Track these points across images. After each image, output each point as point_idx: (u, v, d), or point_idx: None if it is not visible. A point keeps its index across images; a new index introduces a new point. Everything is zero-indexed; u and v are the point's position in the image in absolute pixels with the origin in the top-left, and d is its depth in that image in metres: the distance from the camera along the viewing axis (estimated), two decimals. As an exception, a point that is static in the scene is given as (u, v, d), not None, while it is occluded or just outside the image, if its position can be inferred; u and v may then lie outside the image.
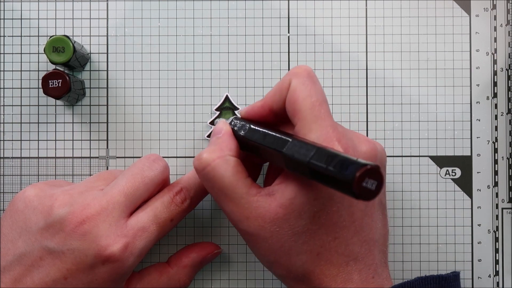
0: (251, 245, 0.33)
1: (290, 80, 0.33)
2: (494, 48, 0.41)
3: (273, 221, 0.31)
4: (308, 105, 0.31)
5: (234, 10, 0.41)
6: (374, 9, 0.41)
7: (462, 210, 0.41)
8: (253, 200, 0.32)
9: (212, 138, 0.35)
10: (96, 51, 0.41)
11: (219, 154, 0.33)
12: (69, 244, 0.32)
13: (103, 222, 0.32)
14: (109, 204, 0.33)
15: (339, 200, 0.31)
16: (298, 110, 0.32)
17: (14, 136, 0.41)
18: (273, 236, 0.31)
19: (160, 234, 0.35)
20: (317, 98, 0.32)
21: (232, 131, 0.35)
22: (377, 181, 0.26)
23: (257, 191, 0.32)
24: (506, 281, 0.41)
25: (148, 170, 0.35)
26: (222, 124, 0.35)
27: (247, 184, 0.32)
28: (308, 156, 0.28)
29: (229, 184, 0.32)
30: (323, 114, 0.31)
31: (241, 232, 0.33)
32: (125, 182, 0.34)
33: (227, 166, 0.32)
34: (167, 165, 0.36)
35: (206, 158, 0.32)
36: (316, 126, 0.31)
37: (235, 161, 0.33)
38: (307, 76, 0.32)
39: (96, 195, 0.33)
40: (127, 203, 0.34)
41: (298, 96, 0.32)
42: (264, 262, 0.34)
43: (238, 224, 0.32)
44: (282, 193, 0.31)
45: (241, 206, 0.32)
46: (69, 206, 0.33)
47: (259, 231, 0.31)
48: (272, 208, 0.31)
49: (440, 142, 0.41)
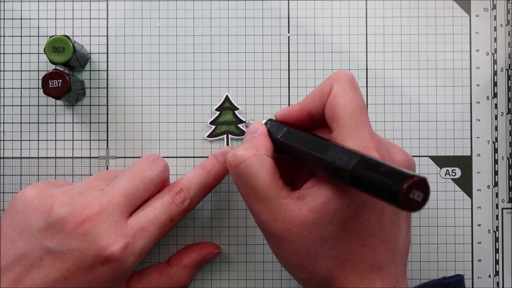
0: (275, 247, 0.33)
1: (332, 85, 0.32)
2: (494, 48, 0.41)
3: (302, 224, 0.31)
4: (348, 111, 0.31)
5: (234, 10, 0.41)
6: (374, 9, 0.41)
7: (462, 210, 0.41)
8: (283, 202, 0.31)
9: (247, 136, 0.34)
10: (96, 51, 0.41)
11: (255, 152, 0.32)
12: (69, 244, 0.32)
13: (103, 222, 0.32)
14: (109, 204, 0.33)
15: (371, 208, 0.31)
16: (338, 116, 0.31)
17: (14, 136, 0.41)
18: (300, 239, 0.31)
19: (160, 234, 0.35)
20: (358, 105, 0.31)
21: (267, 131, 0.34)
22: (423, 193, 0.26)
23: (288, 193, 0.32)
24: (506, 281, 0.41)
25: (148, 170, 0.35)
26: (258, 124, 0.35)
27: (279, 185, 0.32)
28: (351, 164, 0.28)
29: (262, 183, 0.32)
30: (362, 121, 0.31)
31: (267, 233, 0.33)
32: (125, 182, 0.34)
33: (262, 165, 0.32)
34: (167, 165, 0.36)
35: (242, 154, 0.32)
36: (355, 133, 0.31)
37: (270, 161, 0.32)
38: (348, 82, 0.32)
39: (96, 195, 0.33)
40: (127, 203, 0.33)
41: (339, 102, 0.32)
42: (286, 265, 0.34)
43: (265, 224, 0.32)
44: (314, 197, 0.31)
45: (270, 207, 0.31)
46: (69, 206, 0.33)
47: (286, 234, 0.31)
48: (302, 211, 0.31)
49: (440, 142, 0.41)
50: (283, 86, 0.41)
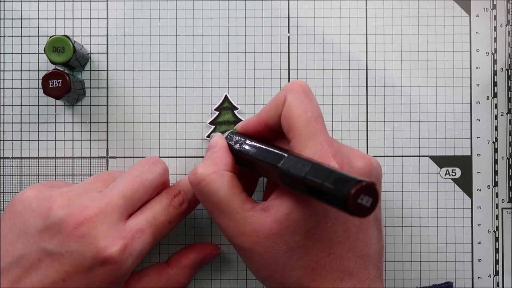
0: (246, 260, 0.33)
1: (286, 95, 0.33)
2: (494, 48, 0.41)
3: (267, 236, 0.31)
4: (303, 121, 0.32)
5: (234, 10, 0.41)
6: (374, 9, 0.41)
7: (462, 210, 0.41)
8: (247, 215, 0.32)
9: (208, 152, 0.35)
10: (96, 51, 0.41)
11: (214, 168, 0.33)
12: (67, 246, 0.32)
13: (101, 224, 0.32)
14: (107, 206, 0.33)
15: (334, 216, 0.31)
16: (293, 126, 0.32)
17: (14, 136, 0.41)
18: (268, 251, 0.31)
19: (159, 236, 0.35)
20: (312, 114, 0.32)
21: (227, 145, 0.35)
22: (372, 198, 0.26)
23: (251, 206, 0.32)
24: (506, 281, 0.41)
25: (147, 173, 0.35)
26: (217, 138, 0.35)
27: (241, 199, 0.32)
28: (303, 172, 0.28)
29: (224, 198, 0.32)
30: (318, 130, 0.31)
31: (236, 247, 0.33)
32: (124, 184, 0.34)
33: (222, 181, 0.32)
34: (166, 167, 0.36)
35: (201, 172, 0.33)
36: (311, 142, 0.31)
37: (230, 175, 0.33)
38: (302, 91, 0.33)
39: (94, 197, 0.33)
40: (125, 205, 0.33)
41: (293, 112, 0.32)
42: (258, 277, 0.34)
43: (232, 239, 0.32)
44: (277, 208, 0.31)
45: (235, 221, 0.32)
46: (67, 208, 0.33)
47: (254, 246, 0.31)
48: (267, 223, 0.31)
49: (440, 142, 0.41)
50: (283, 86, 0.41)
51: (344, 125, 0.41)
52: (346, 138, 0.41)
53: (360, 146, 0.41)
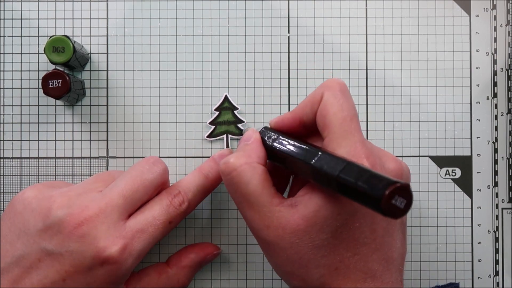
0: (269, 254, 0.33)
1: (323, 93, 0.33)
2: (494, 48, 0.41)
3: (293, 232, 0.31)
4: (339, 119, 0.31)
5: (234, 10, 0.41)
6: (374, 9, 0.41)
7: (462, 210, 0.41)
8: (275, 210, 0.31)
9: (240, 144, 0.35)
10: (96, 51, 0.41)
11: (247, 160, 0.33)
12: (67, 246, 0.32)
13: (101, 224, 0.32)
14: (107, 206, 0.33)
15: (362, 216, 0.31)
16: (328, 124, 0.32)
17: (14, 136, 0.41)
18: (293, 247, 0.31)
19: (159, 236, 0.35)
20: (348, 113, 0.32)
21: (261, 139, 0.35)
22: (406, 200, 0.26)
23: (280, 201, 0.32)
24: (506, 281, 0.41)
25: (147, 173, 0.35)
26: (251, 132, 0.35)
27: (271, 193, 0.32)
28: (337, 170, 0.28)
29: (254, 191, 0.32)
30: (353, 129, 0.31)
31: (260, 240, 0.33)
32: (124, 184, 0.34)
33: (253, 173, 0.32)
34: (166, 167, 0.36)
35: (234, 162, 0.32)
36: (346, 141, 0.31)
37: (262, 169, 0.33)
38: (339, 89, 0.32)
39: (94, 197, 0.33)
40: (125, 205, 0.33)
41: (329, 110, 0.32)
42: (279, 272, 0.34)
43: (257, 232, 0.32)
44: (305, 205, 0.31)
45: (263, 214, 0.32)
46: (67, 208, 0.32)
47: (279, 241, 0.31)
48: (294, 219, 0.31)
49: (440, 142, 0.41)
50: (283, 86, 0.41)
51: (344, 125, 0.41)
52: (346, 138, 0.41)
53: (360, 146, 0.41)
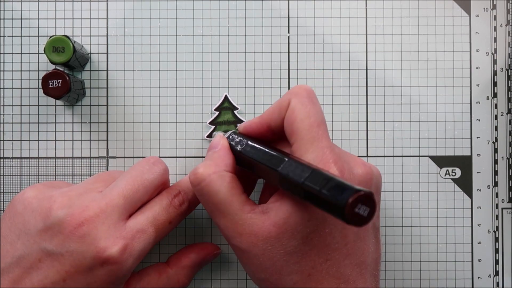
0: (243, 262, 0.33)
1: (290, 99, 0.33)
2: (494, 48, 0.41)
3: (265, 239, 0.31)
4: (305, 126, 0.32)
5: (234, 10, 0.41)
6: (374, 9, 0.41)
7: (462, 210, 0.41)
8: (247, 217, 0.32)
9: (209, 152, 0.35)
10: (96, 51, 0.41)
11: (215, 169, 0.33)
12: (68, 246, 0.32)
13: (101, 224, 0.32)
14: (108, 206, 0.33)
15: (333, 222, 0.31)
16: (295, 130, 0.32)
17: (14, 136, 0.41)
18: (265, 254, 0.31)
19: (159, 237, 0.35)
20: (315, 119, 0.32)
21: (229, 145, 0.35)
22: (369, 208, 0.26)
23: (251, 208, 0.32)
24: (506, 281, 0.41)
25: (148, 173, 0.35)
26: (218, 138, 0.35)
27: (241, 200, 0.32)
28: (302, 177, 0.29)
29: (224, 199, 0.32)
30: (320, 135, 0.31)
31: (234, 248, 0.33)
32: (124, 184, 0.34)
33: (222, 182, 0.32)
34: (166, 168, 0.36)
35: (202, 173, 0.33)
36: (313, 147, 0.31)
37: (231, 176, 0.33)
38: (306, 96, 0.33)
39: (95, 197, 0.33)
40: (126, 205, 0.33)
41: (296, 116, 0.32)
42: (254, 280, 0.34)
43: (231, 240, 0.32)
44: (276, 212, 0.31)
45: (234, 222, 0.32)
46: (68, 208, 0.32)
47: (251, 248, 0.31)
48: (265, 226, 0.31)
49: (440, 142, 0.41)
50: (283, 86, 0.41)
51: (344, 125, 0.41)
52: (346, 138, 0.41)
53: (360, 146, 0.41)
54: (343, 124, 0.41)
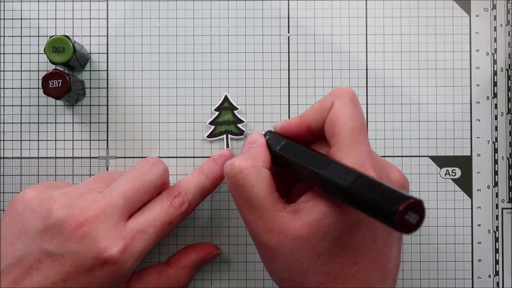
0: (267, 260, 0.33)
1: (333, 101, 0.32)
2: (494, 48, 0.41)
3: (295, 238, 0.31)
4: (348, 128, 0.31)
5: (234, 10, 0.41)
6: (374, 9, 0.41)
7: (462, 210, 0.41)
8: (278, 215, 0.31)
9: (245, 146, 0.34)
10: (96, 51, 0.41)
11: (252, 163, 0.32)
12: (68, 247, 0.32)
13: (102, 225, 0.32)
14: (108, 207, 0.33)
15: (365, 226, 0.31)
16: (337, 133, 0.31)
17: (14, 136, 0.41)
18: (293, 253, 0.31)
19: (159, 237, 0.35)
20: (358, 123, 0.31)
21: (265, 143, 0.34)
22: (419, 216, 0.26)
23: (283, 206, 0.32)
24: (506, 281, 0.41)
25: (148, 174, 0.35)
26: (256, 135, 0.35)
27: (275, 197, 0.32)
28: (348, 181, 0.28)
29: (258, 194, 0.32)
30: (361, 139, 0.31)
31: (260, 245, 0.33)
32: (124, 185, 0.34)
33: (258, 176, 0.32)
34: (166, 168, 0.36)
35: (239, 165, 0.32)
36: (354, 151, 0.31)
37: (267, 172, 0.32)
38: (350, 98, 0.32)
39: (95, 198, 0.33)
40: (126, 206, 0.33)
41: (339, 118, 0.32)
42: (276, 279, 0.33)
43: (258, 236, 0.32)
44: (309, 212, 0.31)
45: (265, 219, 0.31)
46: (68, 209, 0.32)
47: (279, 247, 0.31)
48: (296, 225, 0.31)
49: (440, 142, 0.41)
50: (283, 86, 0.41)
51: (344, 125, 0.41)
52: (346, 138, 0.41)
53: (360, 146, 0.41)
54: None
